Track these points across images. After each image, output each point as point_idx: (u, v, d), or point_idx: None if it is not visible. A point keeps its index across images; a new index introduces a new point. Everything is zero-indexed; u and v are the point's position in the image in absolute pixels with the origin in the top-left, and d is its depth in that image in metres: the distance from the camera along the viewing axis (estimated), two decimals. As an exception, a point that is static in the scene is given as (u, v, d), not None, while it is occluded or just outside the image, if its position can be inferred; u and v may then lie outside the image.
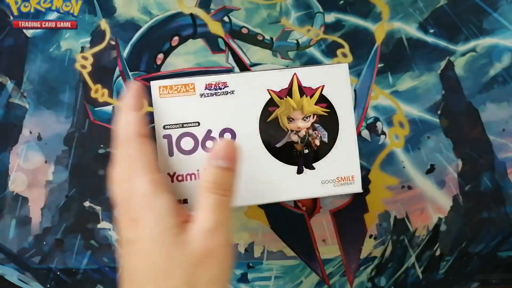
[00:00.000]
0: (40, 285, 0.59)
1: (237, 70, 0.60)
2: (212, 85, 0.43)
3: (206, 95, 0.43)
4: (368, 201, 0.60)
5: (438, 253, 0.60)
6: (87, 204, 0.59)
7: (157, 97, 0.43)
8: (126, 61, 0.59)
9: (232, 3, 0.60)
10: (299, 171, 0.44)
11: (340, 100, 0.44)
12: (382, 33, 0.60)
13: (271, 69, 0.45)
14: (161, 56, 0.60)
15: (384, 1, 0.60)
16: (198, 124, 0.43)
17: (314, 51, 0.60)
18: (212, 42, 0.60)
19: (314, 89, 0.44)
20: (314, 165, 0.44)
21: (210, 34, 0.60)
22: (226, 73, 0.44)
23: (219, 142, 0.40)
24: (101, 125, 0.59)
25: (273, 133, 0.44)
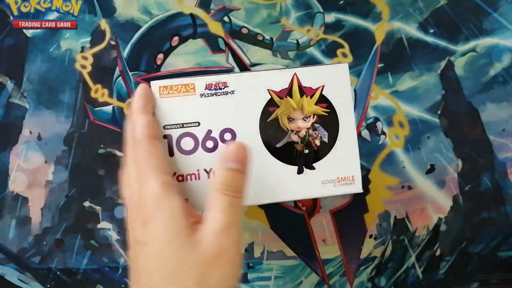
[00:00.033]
0: (40, 285, 0.59)
1: (237, 70, 0.60)
2: (212, 85, 0.43)
3: (206, 95, 0.43)
4: (368, 201, 0.60)
5: (438, 253, 0.60)
6: (87, 204, 0.59)
7: (157, 97, 0.43)
8: (126, 61, 0.59)
9: (232, 3, 0.60)
10: (300, 171, 0.44)
11: (340, 100, 0.44)
12: (382, 33, 0.60)
13: (271, 69, 0.45)
14: (161, 56, 0.60)
15: (384, 1, 0.60)
16: (198, 124, 0.43)
17: (314, 51, 0.60)
18: (212, 42, 0.60)
19: (314, 89, 0.44)
20: (314, 165, 0.44)
21: (210, 34, 0.60)
22: (226, 73, 0.44)
23: (231, 145, 0.41)
24: (101, 125, 0.59)
25: (273, 133, 0.44)
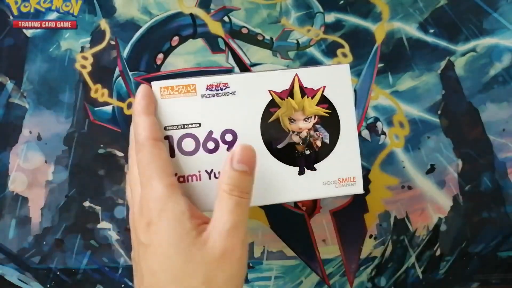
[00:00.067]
0: (40, 285, 0.59)
1: (237, 70, 0.60)
2: (214, 86, 0.43)
3: (208, 96, 0.43)
4: (368, 201, 0.60)
5: (438, 253, 0.60)
6: (87, 204, 0.59)
7: (158, 98, 0.43)
8: (126, 61, 0.59)
9: (232, 3, 0.60)
10: (301, 172, 0.44)
11: (342, 101, 0.44)
12: (382, 33, 0.60)
13: (273, 70, 0.44)
14: (161, 56, 0.60)
15: (384, 1, 0.60)
16: (199, 125, 0.43)
17: (314, 51, 0.60)
18: (212, 42, 0.60)
19: (316, 90, 0.44)
20: (316, 166, 0.44)
21: (210, 34, 0.60)
22: (226, 73, 0.44)
23: (238, 147, 0.41)
24: (101, 125, 0.59)
25: (275, 134, 0.44)
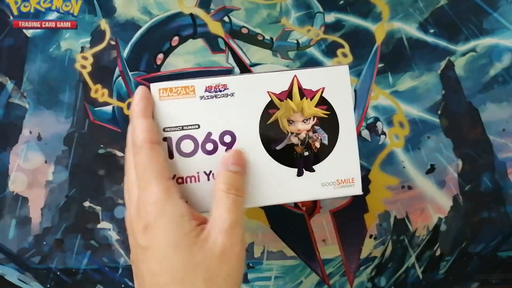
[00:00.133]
0: (40, 285, 0.59)
1: (237, 70, 0.60)
2: (212, 88, 0.43)
3: (206, 98, 0.43)
4: (368, 201, 0.60)
5: (438, 253, 0.60)
6: (87, 204, 0.59)
7: (157, 100, 0.43)
8: (126, 61, 0.59)
9: (232, 3, 0.60)
10: (299, 174, 0.44)
11: (341, 103, 0.44)
12: (382, 33, 0.60)
13: (271, 71, 0.44)
14: (161, 56, 0.60)
15: (384, 1, 0.60)
16: (198, 127, 0.43)
17: (314, 51, 0.60)
18: (212, 42, 0.60)
19: (315, 91, 0.44)
20: (314, 168, 0.44)
21: (210, 34, 0.60)
22: (226, 73, 0.44)
23: (230, 152, 0.43)
24: (101, 125, 0.59)
25: (273, 136, 0.44)
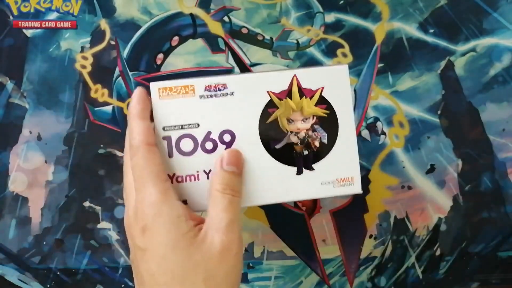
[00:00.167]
0: (40, 285, 0.59)
1: (237, 70, 0.60)
2: (212, 87, 0.43)
3: (206, 97, 0.43)
4: (368, 201, 0.60)
5: (438, 253, 0.60)
6: (87, 204, 0.59)
7: (157, 99, 0.43)
8: (126, 61, 0.59)
9: (232, 3, 0.60)
10: (299, 172, 0.44)
11: (340, 102, 0.44)
12: (382, 33, 0.60)
13: (271, 71, 0.45)
14: (161, 56, 0.60)
15: (384, 1, 0.60)
16: (198, 126, 0.43)
17: (314, 51, 0.60)
18: (212, 42, 0.60)
19: (314, 91, 0.44)
20: (314, 166, 0.44)
21: (210, 34, 0.60)
22: (226, 73, 0.44)
23: (226, 151, 0.43)
24: (101, 125, 0.59)
25: (273, 135, 0.44)
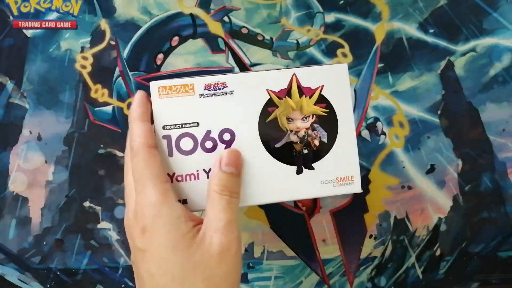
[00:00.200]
0: (40, 285, 0.59)
1: (237, 70, 0.60)
2: (212, 86, 0.43)
3: (206, 96, 0.43)
4: (368, 201, 0.60)
5: (438, 253, 0.60)
6: (87, 204, 0.59)
7: (157, 98, 0.43)
8: (126, 61, 0.59)
9: (232, 3, 0.60)
10: (299, 171, 0.44)
11: (340, 100, 0.44)
12: (382, 33, 0.60)
13: (271, 70, 0.45)
14: (161, 56, 0.60)
15: (384, 1, 0.60)
16: (198, 125, 0.43)
17: (314, 51, 0.60)
18: (212, 42, 0.60)
19: (314, 89, 0.44)
20: (314, 165, 0.44)
21: (210, 34, 0.60)
22: (226, 73, 0.44)
23: (226, 152, 0.43)
24: (101, 125, 0.59)
25: (273, 134, 0.44)
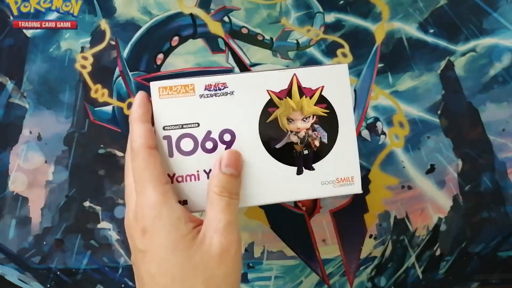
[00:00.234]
0: (40, 285, 0.59)
1: (237, 70, 0.60)
2: (212, 86, 0.43)
3: (206, 96, 0.43)
4: (368, 201, 0.60)
5: (438, 253, 0.60)
6: (87, 204, 0.59)
7: (157, 98, 0.43)
8: (126, 61, 0.59)
9: (232, 3, 0.60)
10: (299, 172, 0.44)
11: (340, 101, 0.44)
12: (382, 33, 0.60)
13: (271, 70, 0.44)
14: (161, 56, 0.60)
15: (384, 1, 0.60)
16: (198, 125, 0.43)
17: (314, 51, 0.60)
18: (212, 42, 0.60)
19: (314, 90, 0.44)
20: (314, 166, 0.44)
21: (210, 34, 0.60)
22: (226, 73, 0.44)
23: (226, 152, 0.43)
24: (101, 125, 0.59)
25: (273, 134, 0.44)
